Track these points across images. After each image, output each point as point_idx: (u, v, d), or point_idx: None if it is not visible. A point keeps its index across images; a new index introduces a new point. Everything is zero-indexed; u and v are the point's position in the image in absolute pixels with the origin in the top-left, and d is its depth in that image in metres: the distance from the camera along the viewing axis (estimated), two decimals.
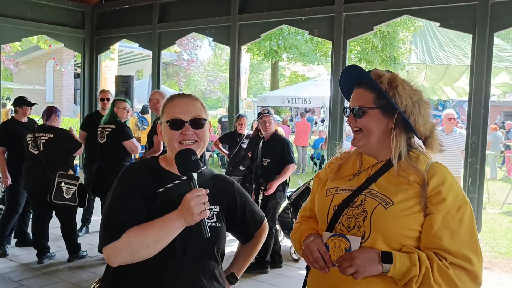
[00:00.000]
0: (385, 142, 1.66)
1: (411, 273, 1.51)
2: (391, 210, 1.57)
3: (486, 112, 5.34)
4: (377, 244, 1.57)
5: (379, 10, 6.05)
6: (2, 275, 4.89)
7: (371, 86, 1.65)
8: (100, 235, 1.65)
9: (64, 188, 5.14)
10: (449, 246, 1.53)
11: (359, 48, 16.29)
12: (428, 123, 1.66)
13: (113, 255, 1.60)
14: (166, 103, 1.81)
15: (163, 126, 1.78)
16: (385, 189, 1.62)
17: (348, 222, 1.62)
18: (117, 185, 1.71)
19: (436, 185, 1.58)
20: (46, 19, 8.31)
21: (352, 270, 1.51)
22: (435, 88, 19.55)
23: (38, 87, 21.09)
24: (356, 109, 1.66)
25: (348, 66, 1.78)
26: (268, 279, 4.98)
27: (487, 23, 5.28)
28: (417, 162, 1.64)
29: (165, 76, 31.43)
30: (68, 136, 5.39)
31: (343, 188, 1.70)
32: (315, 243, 1.65)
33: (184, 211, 1.56)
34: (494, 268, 5.55)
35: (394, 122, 1.63)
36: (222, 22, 7.30)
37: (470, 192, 5.42)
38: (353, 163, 1.77)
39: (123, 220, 1.61)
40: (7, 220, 5.62)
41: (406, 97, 1.63)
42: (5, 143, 5.58)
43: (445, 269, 1.51)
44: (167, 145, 1.77)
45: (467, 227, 1.56)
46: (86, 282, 4.73)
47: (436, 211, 1.56)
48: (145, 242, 1.58)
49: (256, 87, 39.60)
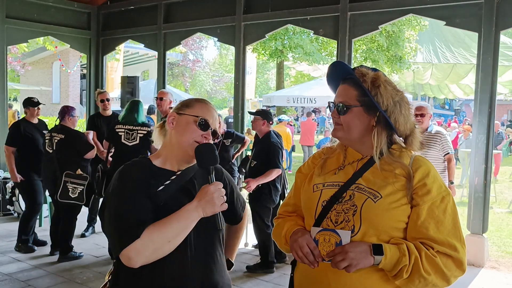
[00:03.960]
0: (367, 137, 1.70)
1: (401, 263, 1.55)
2: (380, 203, 1.61)
3: (492, 110, 5.31)
4: (367, 237, 1.60)
5: (384, 9, 6.04)
6: (10, 275, 4.93)
7: (356, 82, 1.68)
8: (115, 239, 1.61)
9: (70, 187, 5.18)
10: (435, 235, 1.59)
11: (364, 48, 16.26)
12: (409, 122, 1.70)
13: (136, 255, 1.56)
14: (196, 102, 1.83)
15: (186, 118, 1.77)
16: (373, 183, 1.66)
17: (337, 217, 1.65)
18: (120, 185, 1.69)
19: (421, 177, 1.63)
20: (52, 21, 8.37)
21: (345, 264, 1.54)
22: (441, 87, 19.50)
23: (45, 88, 21.18)
24: (340, 106, 1.70)
25: (334, 62, 1.82)
26: (274, 278, 4.99)
27: (493, 21, 5.25)
28: (400, 156, 1.69)
29: (171, 76, 31.49)
30: (79, 138, 5.42)
31: (330, 183, 1.73)
32: (304, 238, 1.66)
33: (205, 203, 1.62)
34: (501, 267, 5.52)
35: (375, 120, 1.67)
36: (227, 22, 7.31)
37: (476, 191, 5.40)
38: (337, 157, 1.81)
39: (140, 218, 1.59)
40: (28, 219, 5.69)
41: (387, 96, 1.66)
42: (16, 143, 5.66)
43: (433, 258, 1.56)
44: (180, 138, 1.75)
45: (451, 216, 1.62)
46: (93, 282, 4.76)
47: (422, 202, 1.61)
48: (167, 237, 1.59)
49: (261, 87, 39.63)
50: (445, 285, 1.61)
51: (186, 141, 1.75)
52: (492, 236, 6.84)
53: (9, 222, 6.99)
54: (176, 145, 1.77)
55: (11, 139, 5.68)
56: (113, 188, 1.69)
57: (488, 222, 5.52)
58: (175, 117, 1.79)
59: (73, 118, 5.42)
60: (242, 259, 5.51)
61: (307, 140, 14.44)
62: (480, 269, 5.32)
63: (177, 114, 1.79)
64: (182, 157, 1.77)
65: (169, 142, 1.79)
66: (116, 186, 1.69)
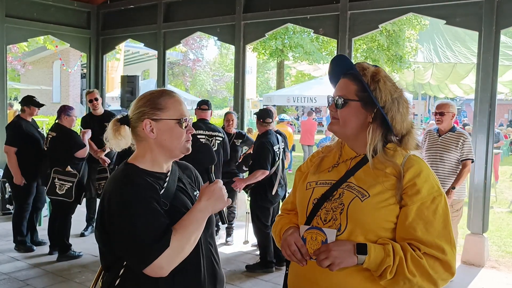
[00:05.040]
0: (362, 134, 1.68)
1: (385, 263, 1.53)
2: (367, 202, 1.60)
3: (492, 110, 5.30)
4: (353, 236, 1.60)
5: (384, 8, 6.02)
6: (8, 275, 4.92)
7: (356, 77, 1.67)
8: (140, 253, 1.53)
9: (58, 183, 5.20)
10: (423, 237, 1.56)
11: (365, 47, 16.24)
12: (406, 121, 1.68)
13: (168, 263, 1.54)
14: (167, 98, 1.72)
15: (165, 123, 1.69)
16: (363, 181, 1.65)
17: (326, 215, 1.65)
18: (130, 197, 1.59)
19: (411, 177, 1.60)
20: (52, 20, 8.36)
21: (328, 262, 1.54)
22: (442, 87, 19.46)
23: (45, 88, 21.18)
24: (338, 100, 1.68)
25: (337, 56, 1.81)
26: (273, 278, 4.98)
27: (493, 20, 5.24)
28: (394, 156, 1.67)
29: (171, 75, 31.49)
30: (71, 136, 5.40)
31: (322, 181, 1.74)
32: (292, 237, 1.68)
33: (214, 200, 1.66)
34: (501, 267, 5.51)
35: (372, 117, 1.66)
36: (226, 21, 7.30)
37: (476, 191, 5.39)
38: (333, 155, 1.80)
39: (164, 227, 1.56)
40: (20, 218, 5.69)
41: (386, 92, 1.65)
42: (18, 143, 5.55)
43: (419, 259, 1.54)
44: (169, 144, 1.70)
45: (441, 217, 1.59)
46: (91, 282, 4.74)
47: (411, 202, 1.58)
48: (190, 239, 1.60)
49: (262, 86, 39.60)
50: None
51: (177, 145, 1.72)
52: (492, 236, 6.82)
53: (8, 221, 6.93)
54: (164, 149, 1.72)
55: (13, 138, 5.56)
56: (121, 202, 1.59)
57: (489, 222, 5.51)
58: (152, 124, 1.68)
59: (69, 117, 5.39)
60: (243, 259, 5.51)
61: (307, 140, 14.42)
62: (480, 269, 5.31)
63: (153, 121, 1.68)
64: (171, 157, 1.76)
65: (153, 147, 1.71)
66: (125, 200, 1.59)
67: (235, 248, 5.93)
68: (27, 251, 5.61)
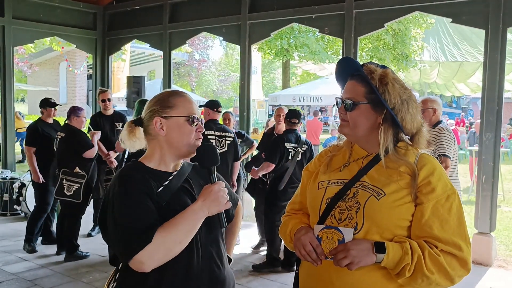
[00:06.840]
0: (373, 135, 1.69)
1: (404, 261, 1.53)
2: (383, 201, 1.60)
3: (500, 108, 5.27)
4: (370, 235, 1.59)
5: (389, 7, 6.00)
6: (16, 275, 4.95)
7: (363, 79, 1.68)
8: (123, 245, 1.57)
9: (66, 184, 5.23)
10: (439, 234, 1.57)
11: (370, 46, 16.18)
12: (416, 121, 1.69)
13: (149, 259, 1.54)
14: (176, 97, 1.77)
15: (175, 121, 1.73)
16: (377, 180, 1.65)
17: (340, 214, 1.65)
18: (124, 190, 1.64)
19: (425, 175, 1.61)
20: (58, 21, 8.41)
21: (347, 261, 1.53)
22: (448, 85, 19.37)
23: (52, 89, 21.32)
24: (348, 103, 1.69)
25: (343, 58, 1.82)
26: (279, 278, 4.97)
27: (500, 18, 5.20)
28: (405, 154, 1.68)
29: (177, 76, 31.55)
30: (79, 136, 5.42)
31: (335, 181, 1.73)
32: (307, 237, 1.67)
33: (209, 202, 1.62)
34: (509, 266, 5.47)
35: (382, 118, 1.66)
36: (232, 21, 7.30)
37: (484, 190, 5.36)
38: (343, 154, 1.80)
39: (149, 222, 1.57)
40: (36, 218, 5.73)
41: (395, 95, 1.65)
42: (35, 143, 5.73)
43: (436, 256, 1.55)
44: (179, 141, 1.73)
45: (456, 215, 1.60)
46: (99, 282, 4.77)
47: (426, 200, 1.59)
48: (177, 238, 1.58)
49: (267, 86, 39.57)
50: (449, 284, 1.59)
51: (186, 142, 1.74)
52: (500, 235, 6.78)
53: (16, 222, 7.03)
54: (173, 147, 1.74)
55: (30, 139, 5.77)
56: (116, 193, 1.63)
57: (496, 221, 5.48)
58: (162, 122, 1.73)
59: (78, 118, 5.43)
60: (250, 259, 5.51)
61: (312, 140, 14.39)
62: (488, 268, 5.28)
63: (163, 118, 1.73)
64: (179, 156, 1.77)
65: (162, 145, 1.74)
66: (119, 191, 1.63)
67: (242, 248, 5.93)
68: (30, 251, 5.63)
